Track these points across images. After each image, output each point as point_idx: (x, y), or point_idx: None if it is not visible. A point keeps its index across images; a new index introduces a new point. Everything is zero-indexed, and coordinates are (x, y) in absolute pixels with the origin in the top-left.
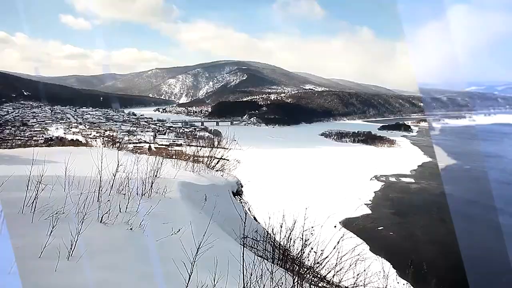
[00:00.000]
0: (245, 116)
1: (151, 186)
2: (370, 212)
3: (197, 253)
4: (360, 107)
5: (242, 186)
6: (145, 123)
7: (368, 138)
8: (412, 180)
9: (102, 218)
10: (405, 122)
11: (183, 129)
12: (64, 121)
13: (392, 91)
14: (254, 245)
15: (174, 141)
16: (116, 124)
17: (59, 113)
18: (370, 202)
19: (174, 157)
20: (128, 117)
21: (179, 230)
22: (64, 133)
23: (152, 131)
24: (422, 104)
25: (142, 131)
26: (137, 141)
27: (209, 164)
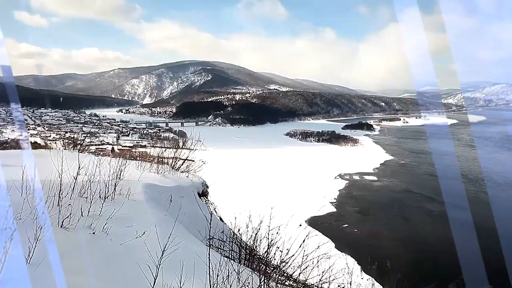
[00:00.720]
0: (210, 117)
1: (114, 189)
2: (335, 210)
3: (162, 255)
4: (324, 107)
5: (207, 187)
6: (108, 125)
7: (332, 138)
8: (375, 178)
9: (62, 222)
10: (368, 121)
11: (147, 130)
12: (21, 123)
13: (355, 91)
14: (220, 246)
15: (138, 143)
16: (77, 126)
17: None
18: (335, 200)
19: (138, 158)
20: (90, 118)
21: (143, 233)
22: (20, 135)
23: (115, 133)
24: (383, 104)
25: (104, 133)
26: (100, 142)
27: (174, 165)
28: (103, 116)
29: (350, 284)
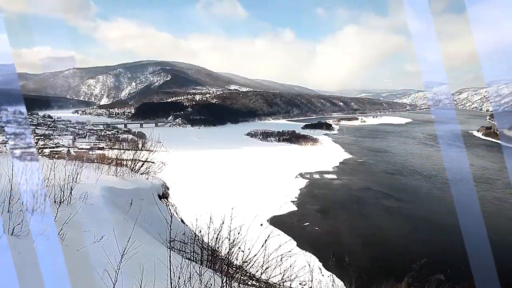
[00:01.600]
0: (170, 117)
1: (70, 193)
2: (296, 209)
3: (121, 260)
4: (284, 107)
5: (168, 189)
6: (63, 126)
7: (293, 137)
8: (335, 177)
9: (13, 229)
10: (327, 121)
11: (105, 132)
12: None
13: (314, 91)
14: (182, 248)
15: (96, 145)
16: (29, 128)
17: None
18: (296, 199)
19: (95, 161)
20: (43, 120)
21: (102, 238)
22: None
23: (71, 135)
24: (341, 103)
25: (59, 135)
26: (54, 145)
27: (133, 167)
28: (58, 118)
29: (312, 281)
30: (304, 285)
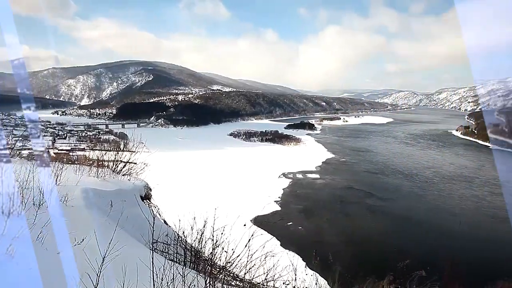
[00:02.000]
0: (153, 118)
1: (50, 195)
2: (279, 208)
3: (102, 262)
4: (267, 107)
5: (150, 190)
6: (42, 127)
7: (276, 137)
8: (318, 176)
9: None
10: (309, 121)
11: (86, 133)
12: None
13: (296, 91)
14: (164, 249)
15: (76, 146)
16: (6, 129)
17: None
18: (279, 199)
19: (76, 162)
20: (22, 121)
21: (82, 240)
22: None
23: (51, 136)
24: (324, 103)
25: (39, 136)
26: (33, 146)
27: (115, 168)
28: (37, 119)
29: (295, 280)
30: (287, 284)
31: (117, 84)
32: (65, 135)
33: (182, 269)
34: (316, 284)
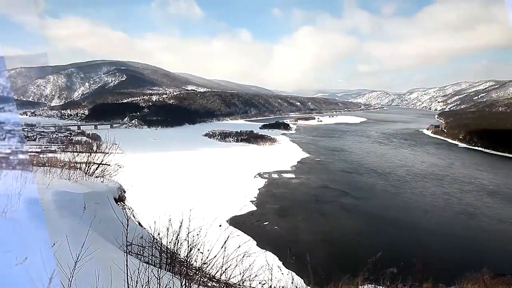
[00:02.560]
0: (126, 119)
1: (19, 199)
2: (255, 208)
3: (75, 266)
4: (241, 107)
5: (124, 192)
6: (9, 129)
7: (251, 137)
8: (293, 176)
9: None
10: (284, 120)
11: (57, 134)
12: None
13: (271, 91)
14: (139, 252)
15: (47, 147)
16: None
17: None
18: (255, 199)
19: (46, 164)
20: None
21: (54, 244)
22: None
23: (19, 137)
24: (298, 103)
25: (5, 138)
26: None
27: (87, 170)
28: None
29: (271, 280)
30: (263, 284)
31: (89, 84)
32: (34, 136)
33: (157, 271)
34: (292, 283)
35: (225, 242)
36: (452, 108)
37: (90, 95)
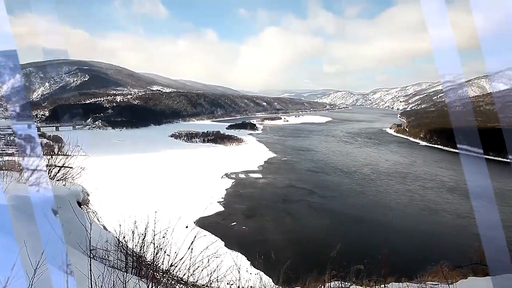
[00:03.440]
0: (89, 120)
1: None
2: (223, 209)
3: (34, 274)
4: (208, 107)
5: (88, 195)
6: None
7: (217, 138)
8: (260, 176)
9: None
10: (251, 121)
11: (15, 136)
12: None
13: (237, 91)
14: (104, 256)
15: (4, 151)
16: None
17: None
18: (223, 200)
19: (3, 168)
20: None
21: (12, 251)
22: None
23: None
24: (265, 103)
25: None
26: None
27: (48, 173)
28: None
29: (239, 280)
30: (231, 284)
31: (49, 85)
32: None
33: (123, 275)
34: (260, 282)
35: (192, 243)
36: (413, 108)
37: (51, 95)
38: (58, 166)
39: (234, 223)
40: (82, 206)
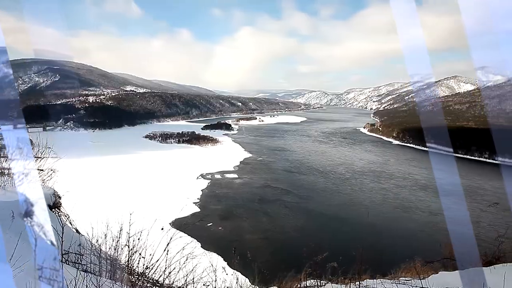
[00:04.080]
0: (61, 121)
1: None
2: (198, 210)
3: (2, 280)
4: (183, 108)
5: (60, 198)
6: None
7: (193, 138)
8: (236, 176)
9: None
10: (226, 121)
11: None
12: None
13: (212, 91)
14: (77, 260)
15: None
16: None
17: None
18: (198, 200)
19: None
20: None
21: None
22: None
23: None
24: (240, 103)
25: None
26: None
27: (17, 176)
28: None
29: (215, 281)
30: (208, 286)
31: (17, 85)
32: None
33: (97, 279)
34: (237, 283)
35: (167, 245)
36: (386, 107)
37: (19, 96)
38: (28, 169)
39: (210, 224)
40: (53, 210)
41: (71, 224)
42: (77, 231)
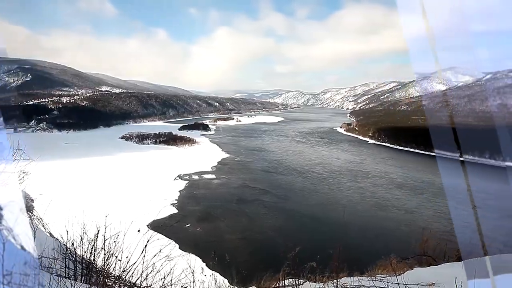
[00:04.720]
0: (33, 122)
1: None
2: (176, 211)
3: None
4: (159, 108)
5: (32, 201)
6: None
7: (170, 139)
8: (214, 176)
9: None
10: (203, 121)
11: None
12: None
13: (189, 92)
14: (51, 264)
15: None
16: None
17: None
18: (176, 201)
19: None
20: None
21: None
22: None
23: None
24: (217, 104)
25: None
26: None
27: None
28: None
29: (194, 282)
30: (186, 287)
31: None
32: None
33: (72, 284)
34: (215, 284)
35: (145, 247)
36: (362, 107)
37: None
38: None
39: (188, 225)
40: (26, 213)
41: (45, 228)
42: (50, 234)
